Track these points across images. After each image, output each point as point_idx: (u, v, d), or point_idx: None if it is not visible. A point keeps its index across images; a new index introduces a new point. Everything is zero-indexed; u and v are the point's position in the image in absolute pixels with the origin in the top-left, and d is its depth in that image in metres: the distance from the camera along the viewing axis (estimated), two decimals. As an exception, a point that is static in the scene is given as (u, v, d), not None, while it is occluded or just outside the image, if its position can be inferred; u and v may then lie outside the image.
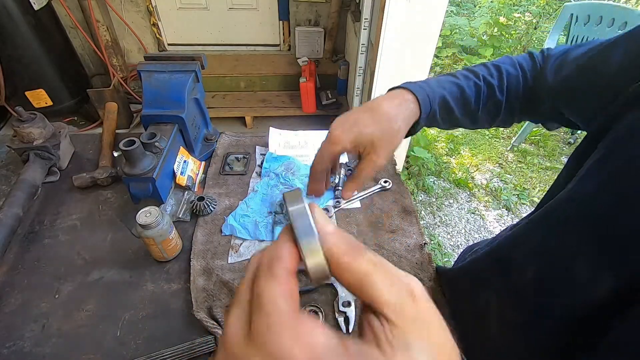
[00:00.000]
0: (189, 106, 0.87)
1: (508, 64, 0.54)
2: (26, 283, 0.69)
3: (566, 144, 2.77)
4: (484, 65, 0.53)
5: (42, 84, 2.09)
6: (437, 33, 1.71)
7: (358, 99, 2.20)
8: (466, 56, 3.65)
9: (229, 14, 2.69)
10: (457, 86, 0.50)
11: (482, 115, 0.53)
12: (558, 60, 0.52)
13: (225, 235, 0.77)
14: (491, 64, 0.53)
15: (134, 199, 0.80)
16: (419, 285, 0.21)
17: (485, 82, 0.51)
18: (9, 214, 0.71)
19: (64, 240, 0.76)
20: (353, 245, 0.22)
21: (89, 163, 0.94)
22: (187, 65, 0.87)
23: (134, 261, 0.73)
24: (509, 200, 2.29)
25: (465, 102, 0.50)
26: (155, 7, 2.58)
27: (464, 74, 0.52)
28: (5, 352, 0.59)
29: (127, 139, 0.71)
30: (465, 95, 0.50)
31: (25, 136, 0.83)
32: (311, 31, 2.64)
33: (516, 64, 0.54)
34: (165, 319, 0.65)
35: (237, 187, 0.88)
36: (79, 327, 0.63)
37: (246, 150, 0.98)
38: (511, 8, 3.93)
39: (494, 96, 0.52)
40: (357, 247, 0.22)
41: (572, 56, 0.50)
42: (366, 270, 0.21)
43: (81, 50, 2.53)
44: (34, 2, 1.90)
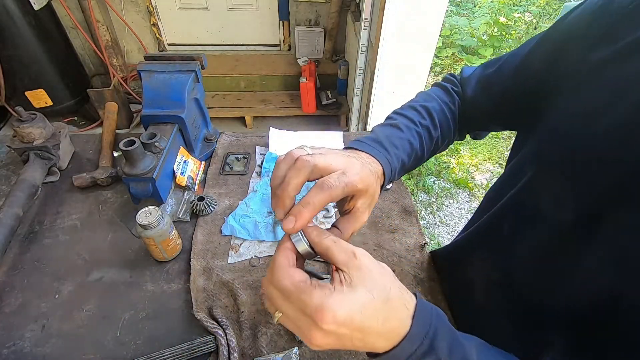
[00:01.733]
0: (189, 106, 0.87)
1: (430, 101, 0.57)
2: (26, 283, 0.69)
3: (566, 144, 2.77)
4: (413, 109, 0.56)
5: (42, 84, 2.09)
6: (437, 33, 1.71)
7: (358, 99, 2.20)
8: (466, 56, 3.65)
9: (229, 14, 2.69)
10: (408, 142, 0.51)
11: (426, 156, 0.56)
12: (476, 81, 0.57)
13: (225, 236, 0.77)
14: (418, 104, 0.56)
15: (134, 199, 0.80)
16: (361, 251, 0.34)
17: (422, 127, 0.54)
18: (9, 214, 0.71)
19: (64, 240, 0.76)
20: (321, 232, 0.36)
21: (89, 163, 0.94)
22: (187, 65, 0.87)
23: (134, 261, 0.73)
24: (509, 200, 2.29)
25: (415, 155, 0.53)
26: (155, 7, 2.58)
27: (405, 124, 0.53)
28: (5, 352, 0.59)
29: (127, 139, 0.71)
30: (414, 148, 0.52)
31: (25, 136, 0.83)
32: (311, 31, 2.64)
33: (437, 99, 0.58)
34: (165, 319, 0.65)
35: (237, 187, 0.88)
36: (79, 327, 0.63)
37: (246, 150, 0.98)
38: (511, 8, 3.93)
39: (431, 136, 0.55)
40: (323, 233, 0.36)
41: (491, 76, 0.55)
42: (327, 244, 0.34)
43: (81, 50, 2.53)
44: (34, 2, 1.90)
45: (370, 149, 0.46)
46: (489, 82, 0.56)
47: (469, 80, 0.58)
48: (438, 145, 0.58)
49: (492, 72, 0.55)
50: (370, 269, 0.33)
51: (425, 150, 0.55)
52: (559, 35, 0.46)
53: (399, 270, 0.73)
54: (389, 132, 0.51)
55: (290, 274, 0.33)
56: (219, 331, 0.60)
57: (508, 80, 0.52)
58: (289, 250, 0.36)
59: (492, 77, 0.55)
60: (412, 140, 0.52)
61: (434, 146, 0.57)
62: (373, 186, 0.41)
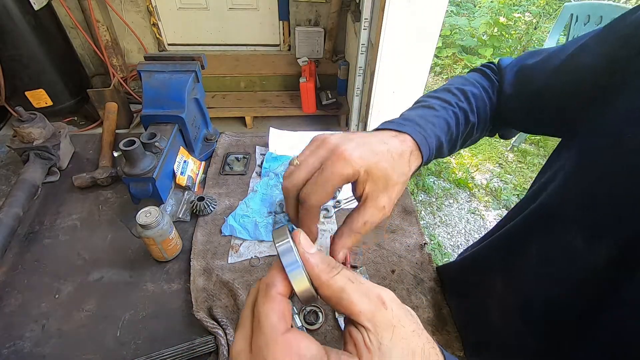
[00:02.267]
0: (189, 106, 0.87)
1: (469, 85, 0.52)
2: (26, 283, 0.69)
3: (566, 144, 2.77)
4: (448, 91, 0.50)
5: (42, 84, 2.09)
6: (437, 33, 1.71)
7: (358, 99, 2.20)
8: (466, 56, 3.65)
9: (229, 14, 2.69)
10: (444, 121, 0.46)
11: (459, 142, 0.51)
12: (515, 72, 0.52)
13: (225, 236, 0.77)
14: (454, 87, 0.51)
15: (134, 199, 0.80)
16: (389, 294, 0.25)
17: (459, 108, 0.48)
18: (9, 214, 0.71)
19: (64, 240, 0.76)
20: (330, 264, 0.26)
21: (89, 163, 0.94)
22: (187, 65, 0.87)
23: (134, 261, 0.73)
24: (509, 201, 2.29)
25: (451, 137, 0.47)
26: (155, 7, 2.58)
27: (441, 105, 0.47)
28: (5, 352, 0.59)
29: (127, 139, 0.71)
30: (451, 128, 0.46)
31: (25, 136, 0.83)
32: (311, 31, 2.64)
33: (476, 83, 0.53)
34: (165, 319, 0.65)
35: (237, 187, 0.88)
36: (79, 327, 0.63)
37: (246, 150, 0.98)
38: (511, 8, 3.93)
39: (468, 120, 0.49)
40: (333, 266, 0.26)
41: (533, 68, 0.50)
42: (342, 285, 0.25)
43: (81, 50, 2.53)
44: (34, 2, 1.90)
45: (396, 126, 0.40)
46: (529, 75, 0.50)
47: (506, 71, 0.53)
48: (473, 132, 0.52)
49: (533, 64, 0.50)
50: (402, 323, 0.24)
51: (460, 134, 0.48)
52: (627, 29, 0.40)
53: (399, 270, 0.73)
54: (421, 112, 0.45)
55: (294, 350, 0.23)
56: (219, 331, 0.60)
57: (551, 76, 0.47)
58: (280, 296, 0.25)
59: (532, 71, 0.50)
60: (449, 120, 0.46)
61: (468, 133, 0.51)
62: (377, 166, 0.34)
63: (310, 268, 0.25)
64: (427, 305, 0.68)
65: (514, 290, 0.50)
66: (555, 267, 0.42)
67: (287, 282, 0.25)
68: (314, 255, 0.26)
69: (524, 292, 0.48)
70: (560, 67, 0.46)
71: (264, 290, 0.25)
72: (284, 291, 0.25)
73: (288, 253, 0.26)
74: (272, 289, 0.25)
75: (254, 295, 0.26)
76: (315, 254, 0.26)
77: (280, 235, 0.28)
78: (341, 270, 0.25)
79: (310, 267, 0.25)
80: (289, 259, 0.26)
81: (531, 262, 0.46)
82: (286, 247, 0.26)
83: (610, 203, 0.35)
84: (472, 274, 0.63)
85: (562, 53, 0.46)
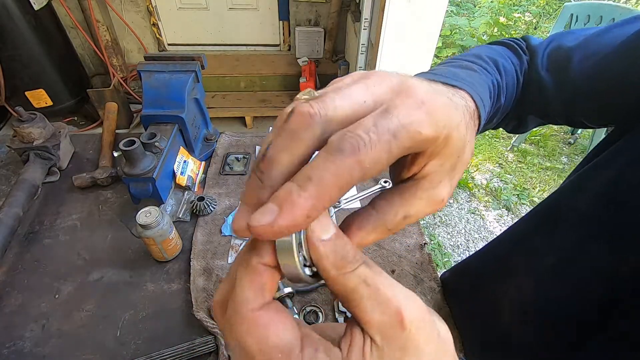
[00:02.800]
0: (189, 106, 0.87)
1: (498, 56, 0.43)
2: (26, 283, 0.69)
3: (566, 144, 2.77)
4: (479, 57, 0.40)
5: (42, 84, 2.09)
6: (437, 33, 1.71)
7: (358, 99, 2.20)
8: (466, 56, 3.64)
9: (229, 14, 2.69)
10: (487, 88, 0.36)
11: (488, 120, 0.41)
12: (549, 55, 0.44)
13: (225, 236, 0.77)
14: (485, 55, 0.41)
15: (134, 199, 0.80)
16: (415, 311, 0.19)
17: (495, 79, 0.39)
18: (9, 214, 0.71)
19: (64, 240, 0.76)
20: (346, 257, 0.19)
21: (89, 163, 0.94)
22: (187, 65, 0.87)
23: (134, 261, 0.73)
24: (509, 200, 2.29)
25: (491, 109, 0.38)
26: (155, 7, 2.58)
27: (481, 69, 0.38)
28: (5, 352, 0.59)
29: (127, 139, 0.71)
30: (492, 97, 0.37)
31: (25, 136, 0.83)
32: (311, 31, 2.64)
33: (505, 57, 0.44)
34: (165, 319, 0.65)
35: (237, 187, 0.88)
36: (79, 327, 0.63)
37: (246, 150, 0.98)
38: (511, 8, 3.93)
39: (499, 99, 0.40)
40: (348, 260, 0.19)
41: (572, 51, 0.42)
42: (354, 286, 0.19)
43: (81, 50, 2.53)
44: (34, 2, 1.90)
45: (446, 79, 0.29)
46: (568, 59, 0.42)
47: (537, 52, 0.45)
48: (496, 114, 0.42)
49: (572, 47, 0.42)
50: (419, 352, 0.19)
51: (492, 110, 0.39)
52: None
53: (399, 270, 0.73)
54: (461, 71, 0.34)
55: (261, 332, 0.19)
56: (219, 331, 0.60)
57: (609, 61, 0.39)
58: (263, 267, 0.19)
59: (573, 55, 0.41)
60: (490, 88, 0.36)
61: (494, 113, 0.41)
62: (458, 132, 0.21)
63: (317, 258, 0.19)
64: (427, 305, 0.68)
65: (531, 291, 0.48)
66: (577, 268, 0.41)
67: (273, 250, 0.20)
68: (326, 243, 0.19)
69: (542, 293, 0.46)
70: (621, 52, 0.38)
71: (246, 255, 0.20)
72: (270, 261, 0.19)
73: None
74: (254, 257, 0.20)
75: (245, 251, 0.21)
76: (328, 241, 0.19)
77: None
78: (358, 267, 0.19)
79: (317, 256, 0.19)
80: None
81: (551, 263, 0.44)
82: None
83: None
84: (483, 274, 0.62)
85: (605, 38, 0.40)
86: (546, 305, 0.46)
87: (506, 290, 0.53)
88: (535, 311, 0.48)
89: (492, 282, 0.58)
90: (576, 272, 0.42)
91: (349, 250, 0.20)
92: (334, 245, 0.19)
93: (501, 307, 0.54)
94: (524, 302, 0.50)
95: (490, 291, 0.57)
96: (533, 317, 0.48)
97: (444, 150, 0.21)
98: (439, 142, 0.20)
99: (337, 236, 0.19)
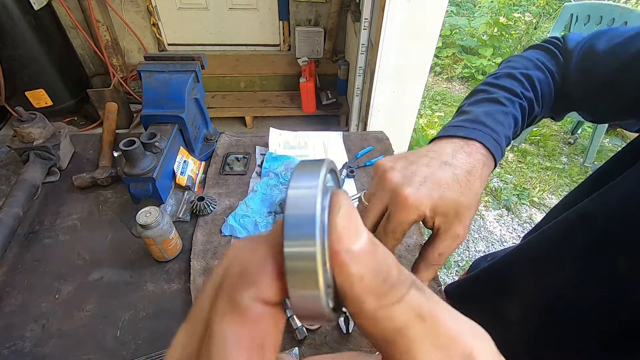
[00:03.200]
0: (189, 106, 0.87)
1: (534, 68, 0.48)
2: (26, 283, 0.69)
3: (566, 144, 2.77)
4: (513, 77, 0.46)
5: (42, 84, 2.09)
6: (437, 33, 1.71)
7: (358, 99, 2.20)
8: (466, 56, 3.65)
9: (229, 14, 2.69)
10: (512, 118, 0.42)
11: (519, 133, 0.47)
12: (583, 54, 0.47)
13: (225, 236, 0.77)
14: (519, 72, 0.46)
15: (134, 199, 0.80)
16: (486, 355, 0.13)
17: (526, 100, 0.44)
18: (9, 214, 0.71)
19: (64, 240, 0.76)
20: (388, 277, 0.13)
21: (89, 163, 0.94)
22: (187, 65, 0.87)
23: (134, 261, 0.73)
24: (509, 200, 2.29)
25: (515, 132, 0.44)
26: (155, 7, 2.58)
27: (507, 97, 0.43)
28: (5, 352, 0.59)
29: (127, 139, 0.71)
30: (518, 124, 0.43)
31: (25, 136, 0.83)
32: (311, 31, 2.64)
33: (541, 66, 0.48)
34: (165, 319, 0.65)
35: (237, 187, 0.88)
36: (79, 327, 0.63)
37: (246, 150, 0.98)
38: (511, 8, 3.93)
39: (533, 111, 0.46)
40: (392, 282, 0.13)
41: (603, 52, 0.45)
42: (403, 323, 0.12)
43: (81, 50, 2.53)
44: (34, 2, 1.90)
45: (464, 132, 0.37)
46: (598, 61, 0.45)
47: (574, 53, 0.48)
48: (533, 121, 0.49)
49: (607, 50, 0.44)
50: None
51: (524, 126, 0.46)
52: None
53: (399, 270, 0.73)
54: (487, 107, 0.41)
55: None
56: None
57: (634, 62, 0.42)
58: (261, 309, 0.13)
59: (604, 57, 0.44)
60: (517, 115, 0.42)
61: (532, 120, 0.48)
62: (450, 197, 0.33)
63: (346, 280, 0.12)
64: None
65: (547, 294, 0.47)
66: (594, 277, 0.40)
67: (279, 274, 0.12)
68: (359, 254, 0.13)
69: (558, 296, 0.45)
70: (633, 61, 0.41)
71: (229, 289, 0.13)
72: (273, 295, 0.13)
73: (304, 214, 0.13)
74: (246, 291, 0.12)
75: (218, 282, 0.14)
76: (362, 252, 0.13)
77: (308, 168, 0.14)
78: (408, 292, 0.13)
79: (346, 277, 0.12)
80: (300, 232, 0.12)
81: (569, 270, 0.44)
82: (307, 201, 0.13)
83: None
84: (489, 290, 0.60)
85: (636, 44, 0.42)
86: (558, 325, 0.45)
87: (514, 307, 0.52)
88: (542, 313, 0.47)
89: (499, 298, 0.56)
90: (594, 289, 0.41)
91: (392, 265, 0.13)
92: (372, 259, 0.13)
93: (509, 324, 0.53)
94: (534, 319, 0.49)
95: (497, 307, 0.56)
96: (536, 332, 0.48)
97: (438, 214, 0.33)
98: (428, 214, 0.33)
99: (372, 243, 0.13)
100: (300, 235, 0.12)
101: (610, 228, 0.40)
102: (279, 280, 0.12)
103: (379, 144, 1.02)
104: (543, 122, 2.96)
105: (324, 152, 1.00)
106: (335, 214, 0.13)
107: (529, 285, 0.50)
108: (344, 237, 0.12)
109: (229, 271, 0.13)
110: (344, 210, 0.13)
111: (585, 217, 0.44)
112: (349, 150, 1.00)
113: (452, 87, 3.48)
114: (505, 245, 2.08)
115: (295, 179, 0.14)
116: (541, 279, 0.48)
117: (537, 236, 0.51)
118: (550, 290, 0.46)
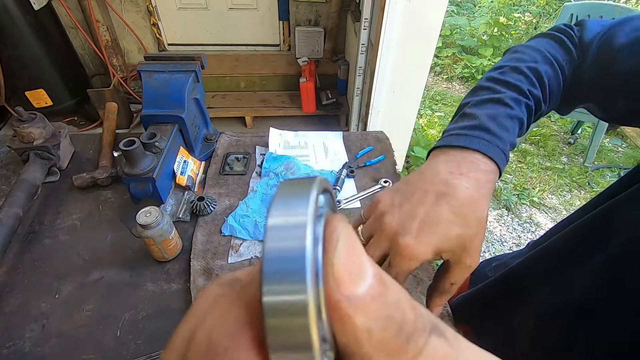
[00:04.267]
0: (189, 106, 0.87)
1: (543, 62, 0.44)
2: (26, 283, 0.69)
3: (566, 144, 2.77)
4: (520, 72, 0.42)
5: (42, 84, 2.09)
6: (437, 33, 1.71)
7: (358, 99, 2.20)
8: (466, 56, 3.65)
9: (229, 14, 2.69)
10: (518, 122, 0.39)
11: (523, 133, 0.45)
12: (600, 49, 0.44)
13: (225, 236, 0.77)
14: (526, 67, 0.43)
15: (134, 199, 0.80)
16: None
17: (533, 99, 0.42)
18: (9, 214, 0.71)
19: (64, 240, 0.76)
20: (402, 326, 0.10)
21: (89, 163, 0.94)
22: (187, 65, 0.87)
23: (134, 261, 0.73)
24: (509, 200, 2.29)
25: (520, 134, 0.42)
26: (155, 7, 2.58)
27: (513, 97, 0.40)
28: (5, 352, 0.59)
29: (127, 139, 0.71)
30: (523, 126, 0.41)
31: (25, 136, 0.83)
32: (311, 31, 2.64)
33: (551, 59, 0.45)
34: (165, 319, 0.65)
35: (237, 187, 0.88)
36: (79, 327, 0.63)
37: (246, 150, 0.98)
38: (511, 8, 3.93)
39: (539, 109, 0.44)
40: (408, 331, 0.10)
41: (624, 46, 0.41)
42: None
43: (81, 50, 2.53)
44: (34, 2, 1.90)
45: (465, 141, 0.35)
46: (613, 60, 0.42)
47: (590, 46, 0.44)
48: (538, 119, 0.47)
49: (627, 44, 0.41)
50: None
51: (529, 126, 0.43)
52: None
53: (399, 270, 0.72)
54: (491, 110, 0.39)
55: None
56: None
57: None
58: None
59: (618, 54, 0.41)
60: (522, 118, 0.40)
61: (535, 120, 0.45)
62: (453, 235, 0.32)
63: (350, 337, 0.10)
64: (427, 305, 0.67)
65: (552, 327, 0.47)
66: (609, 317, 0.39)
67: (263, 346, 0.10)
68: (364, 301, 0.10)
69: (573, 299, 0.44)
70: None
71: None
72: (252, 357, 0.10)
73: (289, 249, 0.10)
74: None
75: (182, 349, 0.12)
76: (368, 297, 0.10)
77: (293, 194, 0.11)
78: (428, 342, 0.10)
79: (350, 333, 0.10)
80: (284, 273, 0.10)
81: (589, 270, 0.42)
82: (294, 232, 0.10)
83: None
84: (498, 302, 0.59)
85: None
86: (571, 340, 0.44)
87: (523, 320, 0.51)
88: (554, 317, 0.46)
89: (514, 313, 0.54)
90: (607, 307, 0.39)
91: (406, 308, 0.10)
92: (382, 304, 0.10)
93: (517, 337, 0.52)
94: (538, 333, 0.48)
95: (506, 320, 0.55)
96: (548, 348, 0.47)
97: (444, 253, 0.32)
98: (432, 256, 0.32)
99: (381, 282, 0.10)
100: (284, 279, 0.09)
101: (631, 246, 0.38)
102: (260, 355, 0.10)
103: (379, 144, 1.02)
104: (543, 122, 2.96)
105: (324, 152, 1.00)
106: (332, 248, 0.10)
107: (544, 299, 0.49)
108: (344, 279, 0.10)
109: (193, 344, 0.11)
110: (344, 242, 0.10)
111: (603, 231, 0.42)
112: (349, 150, 1.00)
113: (452, 87, 3.48)
114: (505, 245, 2.08)
115: (278, 203, 0.11)
116: (557, 293, 0.47)
117: (550, 245, 0.50)
118: (568, 304, 0.45)
